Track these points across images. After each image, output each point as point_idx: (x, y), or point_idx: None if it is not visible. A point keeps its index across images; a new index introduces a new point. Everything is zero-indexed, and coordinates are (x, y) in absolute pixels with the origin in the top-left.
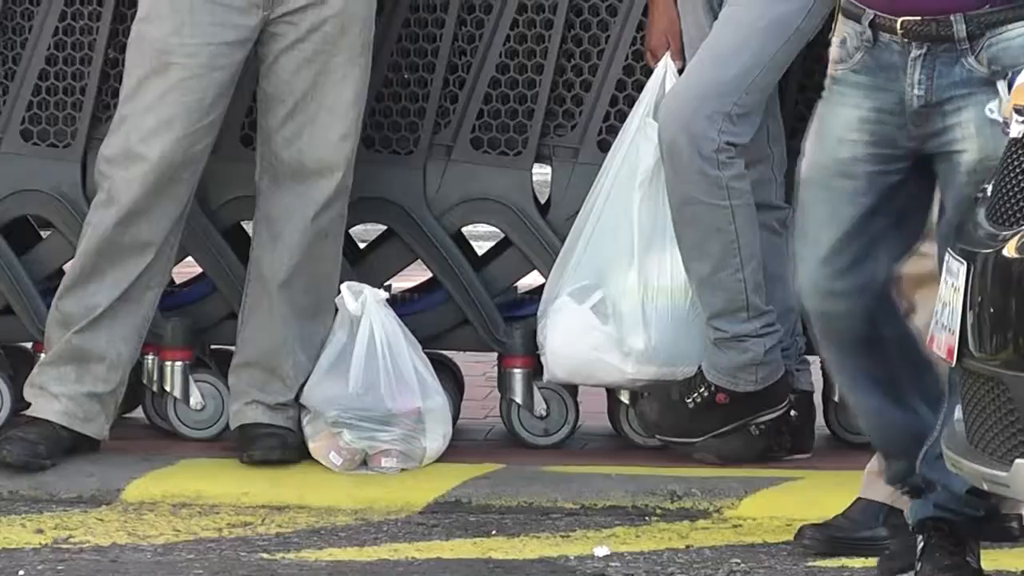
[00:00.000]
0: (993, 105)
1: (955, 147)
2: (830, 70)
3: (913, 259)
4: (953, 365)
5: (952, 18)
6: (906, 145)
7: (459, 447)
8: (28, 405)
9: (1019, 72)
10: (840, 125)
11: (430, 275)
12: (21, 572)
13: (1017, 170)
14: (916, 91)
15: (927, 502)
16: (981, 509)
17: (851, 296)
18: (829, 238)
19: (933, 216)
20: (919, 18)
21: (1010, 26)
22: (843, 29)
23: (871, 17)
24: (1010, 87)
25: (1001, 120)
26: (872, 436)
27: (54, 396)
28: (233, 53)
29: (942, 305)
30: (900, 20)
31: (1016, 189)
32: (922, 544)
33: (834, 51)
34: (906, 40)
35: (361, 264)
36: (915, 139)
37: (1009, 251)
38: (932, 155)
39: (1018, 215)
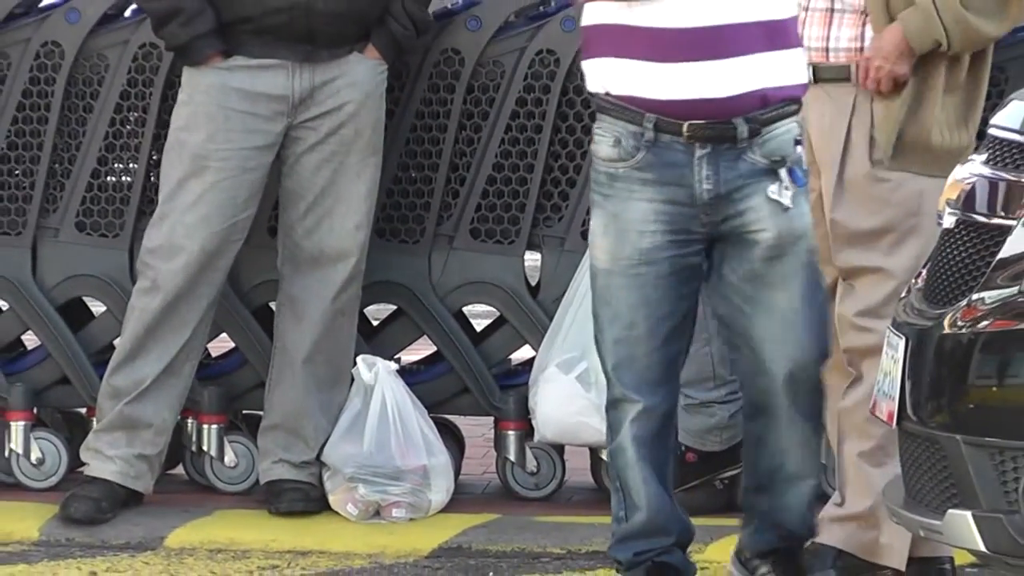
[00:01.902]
0: (774, 188)
1: (752, 228)
2: (604, 167)
3: (858, 333)
4: (893, 427)
5: (735, 121)
6: (700, 230)
7: (460, 499)
8: (81, 464)
9: (797, 161)
10: (638, 219)
11: (434, 349)
12: None
13: (949, 256)
14: (705, 185)
15: (761, 535)
16: (807, 535)
17: (661, 365)
18: (644, 318)
19: (885, 293)
20: (704, 122)
21: (778, 124)
22: (612, 129)
23: (654, 120)
24: (790, 173)
25: (783, 201)
26: (651, 507)
27: (109, 458)
28: (262, 156)
29: (883, 375)
30: (686, 124)
31: (948, 273)
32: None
33: (606, 150)
34: (691, 141)
35: (374, 339)
36: (707, 224)
37: (941, 328)
38: (726, 235)
39: (950, 296)
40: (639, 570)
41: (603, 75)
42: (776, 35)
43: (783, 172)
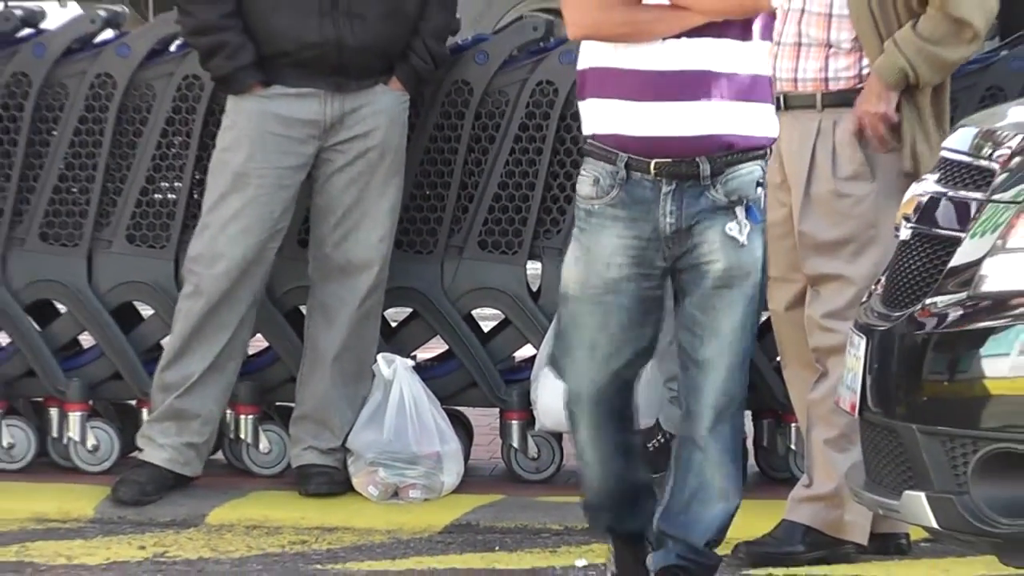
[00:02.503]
0: (732, 225)
1: (704, 259)
2: (583, 204)
3: (824, 334)
4: (855, 417)
5: (698, 160)
6: (661, 265)
7: (469, 482)
8: (132, 449)
9: (756, 201)
10: (607, 252)
11: (446, 347)
12: None
13: (905, 265)
14: (668, 220)
15: (669, 552)
16: (714, 559)
17: (619, 386)
18: (605, 342)
19: (848, 297)
20: (670, 160)
21: (742, 165)
22: (593, 170)
23: (625, 159)
24: (747, 211)
25: (738, 238)
26: (606, 494)
27: (161, 446)
28: (295, 175)
29: (847, 370)
30: (653, 162)
31: (904, 280)
32: None
33: (586, 189)
34: (658, 178)
35: (393, 339)
36: (668, 259)
37: (897, 329)
38: (683, 268)
39: (906, 300)
40: (609, 538)
41: (591, 116)
42: (744, 88)
43: (740, 210)
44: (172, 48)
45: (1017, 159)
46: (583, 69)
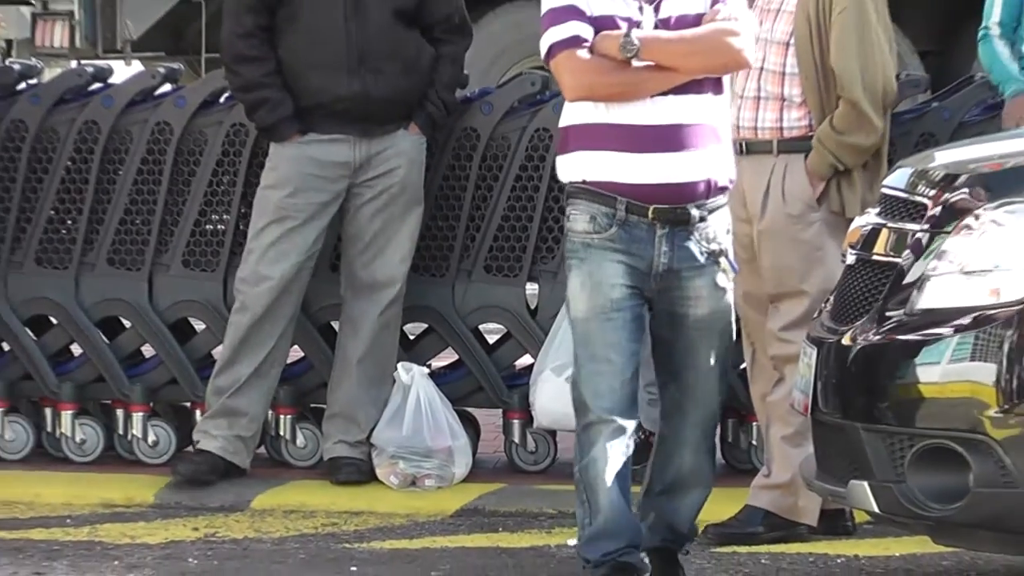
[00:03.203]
0: (721, 276)
1: (689, 304)
2: (579, 239)
3: (781, 344)
4: (808, 417)
5: (689, 207)
6: (651, 289)
7: (477, 472)
8: (187, 445)
9: (729, 246)
10: (609, 275)
11: (457, 357)
12: (191, 559)
13: (851, 286)
14: (662, 259)
15: (654, 534)
16: (692, 538)
17: (630, 398)
18: (622, 360)
19: (801, 312)
20: (665, 206)
21: (717, 211)
22: (587, 209)
23: (625, 203)
24: (731, 265)
25: (725, 287)
26: (615, 514)
27: (214, 437)
28: (329, 208)
29: (800, 376)
30: (652, 207)
31: (850, 299)
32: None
33: (581, 226)
34: (655, 222)
35: (411, 350)
36: (654, 289)
37: (844, 341)
38: (664, 302)
39: (851, 316)
40: (605, 567)
41: (580, 165)
42: (717, 135)
43: (724, 260)
44: (221, 100)
45: (946, 195)
46: (567, 126)
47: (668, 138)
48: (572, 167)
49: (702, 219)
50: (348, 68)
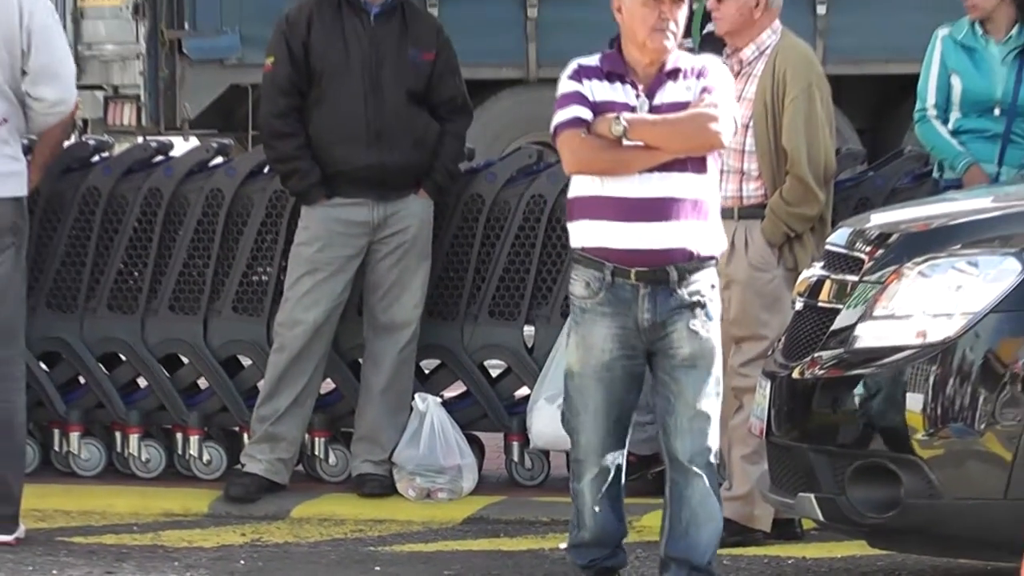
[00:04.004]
0: (695, 322)
1: (674, 347)
2: (577, 303)
3: (741, 378)
4: (763, 439)
5: (668, 268)
6: (642, 347)
7: (482, 486)
8: (236, 463)
9: (712, 301)
10: (599, 340)
11: (465, 388)
12: (240, 561)
13: (799, 328)
14: (646, 315)
15: (678, 575)
16: (714, 573)
17: (618, 437)
18: (606, 411)
19: (758, 351)
20: (646, 268)
21: (699, 271)
22: (583, 275)
23: (611, 268)
24: (706, 315)
25: (700, 332)
26: (599, 532)
27: (258, 460)
28: (352, 262)
29: (756, 405)
30: (634, 270)
31: (798, 339)
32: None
33: (579, 291)
34: (638, 283)
35: (426, 382)
36: (645, 343)
37: (794, 375)
38: (656, 351)
39: (800, 354)
40: (589, 572)
41: (580, 233)
42: (700, 210)
43: (700, 311)
44: (265, 170)
45: (880, 251)
46: (572, 198)
47: (652, 210)
48: (575, 235)
49: (682, 279)
50: (367, 142)
